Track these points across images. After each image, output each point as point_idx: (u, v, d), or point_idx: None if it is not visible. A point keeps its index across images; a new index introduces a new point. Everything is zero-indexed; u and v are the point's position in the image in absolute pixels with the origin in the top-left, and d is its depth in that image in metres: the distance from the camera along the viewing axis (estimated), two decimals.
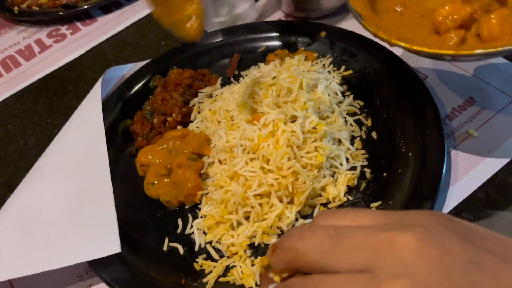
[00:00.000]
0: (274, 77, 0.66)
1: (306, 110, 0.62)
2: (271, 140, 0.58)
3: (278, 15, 0.91)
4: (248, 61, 0.81)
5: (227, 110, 0.67)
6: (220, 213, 0.57)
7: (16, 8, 1.07)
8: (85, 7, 1.02)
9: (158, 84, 0.78)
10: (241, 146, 0.60)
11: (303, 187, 0.56)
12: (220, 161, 0.63)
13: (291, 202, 0.57)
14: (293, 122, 0.61)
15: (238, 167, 0.59)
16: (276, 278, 0.34)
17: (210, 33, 0.85)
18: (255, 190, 0.56)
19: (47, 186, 0.64)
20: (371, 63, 0.72)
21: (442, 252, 0.28)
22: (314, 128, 0.60)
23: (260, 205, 0.57)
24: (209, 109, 0.71)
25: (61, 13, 1.03)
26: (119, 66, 0.83)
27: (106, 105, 0.77)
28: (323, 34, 0.78)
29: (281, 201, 0.57)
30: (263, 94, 0.62)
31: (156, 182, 0.64)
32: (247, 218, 0.58)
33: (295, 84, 0.64)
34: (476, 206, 0.56)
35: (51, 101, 0.87)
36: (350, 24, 0.83)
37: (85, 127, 0.69)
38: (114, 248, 0.54)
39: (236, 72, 0.80)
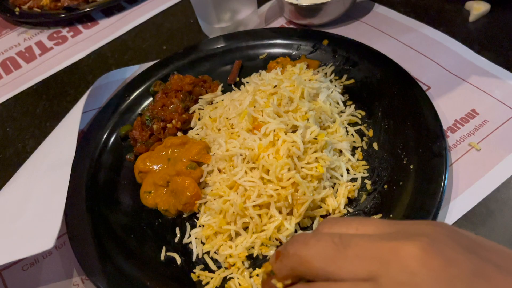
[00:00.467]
0: (275, 86, 0.65)
1: (307, 120, 0.61)
2: (271, 150, 0.58)
3: (280, 22, 0.90)
4: (250, 68, 0.80)
5: (227, 118, 0.67)
6: (218, 223, 0.57)
7: (17, 9, 1.07)
8: (87, 9, 1.02)
9: (158, 90, 0.78)
10: (240, 155, 0.59)
11: (303, 199, 0.55)
12: (219, 170, 0.62)
13: (290, 213, 0.57)
14: (293, 132, 0.60)
15: (238, 176, 0.58)
16: (279, 285, 0.34)
17: (212, 39, 0.85)
18: (254, 201, 0.56)
19: (15, 183, 0.64)
20: (373, 73, 0.72)
21: (446, 262, 0.28)
22: (315, 138, 0.60)
23: (259, 216, 0.56)
24: (209, 117, 0.70)
25: (62, 16, 1.02)
26: (122, 69, 0.83)
27: (106, 109, 0.76)
28: (326, 42, 0.78)
29: (280, 212, 0.56)
30: (264, 103, 0.62)
31: (152, 191, 0.64)
32: (245, 228, 0.57)
33: (296, 93, 0.64)
34: (477, 220, 0.56)
35: (50, 104, 0.87)
36: (352, 32, 0.83)
37: (62, 134, 0.69)
38: (48, 244, 0.51)
39: (237, 79, 0.79)
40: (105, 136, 0.73)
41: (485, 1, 0.80)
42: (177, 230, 0.61)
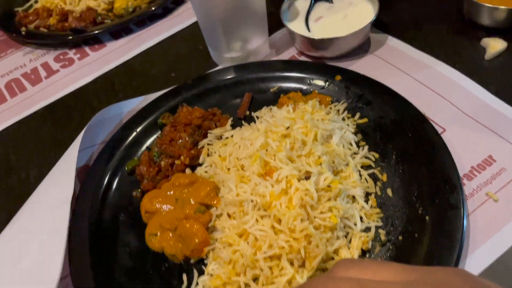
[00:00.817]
0: (287, 127, 0.64)
1: (320, 164, 0.60)
2: (284, 199, 0.56)
3: (291, 52, 0.89)
4: (260, 101, 0.79)
5: (237, 158, 0.65)
6: (227, 274, 0.55)
7: (23, 29, 1.05)
8: (95, 32, 1.00)
9: (167, 122, 0.76)
10: (251, 201, 0.58)
11: (316, 252, 0.53)
12: (228, 215, 0.60)
13: (302, 265, 0.55)
14: (307, 177, 0.58)
15: (248, 224, 0.56)
16: None
17: (222, 69, 0.83)
18: (265, 252, 0.54)
19: (17, 224, 0.62)
20: (387, 113, 0.70)
21: None
22: (329, 186, 0.58)
23: (270, 268, 0.54)
24: (219, 155, 0.68)
25: (70, 37, 1.01)
26: (126, 101, 0.81)
27: (113, 142, 0.75)
28: (338, 78, 0.76)
29: (291, 264, 0.54)
30: (277, 146, 0.60)
31: (158, 233, 0.62)
32: (255, 279, 0.55)
33: (310, 136, 0.62)
34: (496, 276, 0.54)
35: (55, 131, 0.85)
36: (365, 67, 0.81)
37: (60, 172, 0.67)
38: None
39: (247, 113, 0.78)
40: (111, 171, 0.72)
41: (502, 39, 0.78)
42: (184, 276, 0.59)
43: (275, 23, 0.88)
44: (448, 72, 0.77)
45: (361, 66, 0.82)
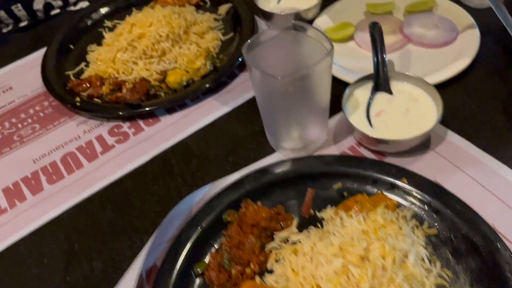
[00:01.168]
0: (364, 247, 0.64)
1: None
2: None
3: (350, 141, 0.89)
4: (323, 198, 0.79)
5: (312, 275, 0.65)
6: None
7: (78, 99, 1.06)
8: (147, 109, 1.01)
9: (232, 220, 0.76)
10: None
11: None
12: None
13: None
14: None
15: None
16: None
17: (282, 162, 0.83)
18: None
19: None
20: (458, 226, 0.70)
21: None
22: None
23: None
24: (292, 269, 0.68)
25: (123, 113, 1.02)
26: (190, 196, 0.82)
27: (179, 242, 0.75)
28: (404, 181, 0.77)
29: None
30: (359, 275, 0.60)
31: None
32: None
33: (388, 260, 0.62)
34: None
35: (116, 217, 0.86)
36: (427, 165, 0.81)
37: None
38: None
39: (312, 212, 0.78)
40: (178, 274, 0.72)
41: None
42: None
43: (331, 106, 0.88)
44: None
45: (423, 165, 0.82)
